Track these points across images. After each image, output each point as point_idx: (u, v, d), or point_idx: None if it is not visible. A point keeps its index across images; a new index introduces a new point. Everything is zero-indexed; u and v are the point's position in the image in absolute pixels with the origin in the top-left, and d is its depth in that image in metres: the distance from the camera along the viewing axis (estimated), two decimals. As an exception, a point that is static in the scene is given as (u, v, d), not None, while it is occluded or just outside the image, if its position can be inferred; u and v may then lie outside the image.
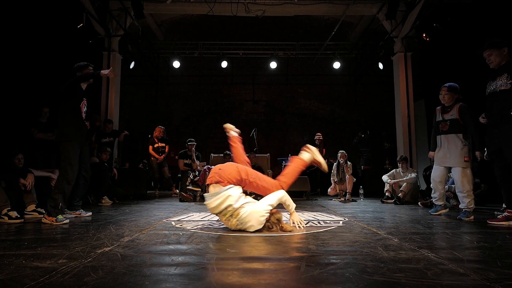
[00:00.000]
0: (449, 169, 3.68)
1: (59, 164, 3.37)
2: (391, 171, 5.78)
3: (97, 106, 7.27)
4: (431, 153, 3.82)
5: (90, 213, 3.53)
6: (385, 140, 8.76)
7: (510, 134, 2.75)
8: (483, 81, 3.08)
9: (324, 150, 7.78)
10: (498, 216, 2.92)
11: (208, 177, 2.60)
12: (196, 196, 5.65)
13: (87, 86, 3.45)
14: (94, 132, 5.76)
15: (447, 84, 3.56)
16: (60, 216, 2.94)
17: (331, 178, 6.24)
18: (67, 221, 2.95)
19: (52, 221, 2.89)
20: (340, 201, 5.70)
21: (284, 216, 2.73)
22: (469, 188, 3.37)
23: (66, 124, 3.17)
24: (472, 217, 3.28)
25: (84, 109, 3.34)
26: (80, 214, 3.42)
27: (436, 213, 3.67)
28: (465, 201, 3.35)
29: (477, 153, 3.34)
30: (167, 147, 6.95)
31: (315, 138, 7.88)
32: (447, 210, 3.76)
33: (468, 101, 3.51)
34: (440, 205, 3.71)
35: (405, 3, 7.00)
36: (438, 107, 3.68)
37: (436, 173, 3.66)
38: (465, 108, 3.40)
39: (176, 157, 6.74)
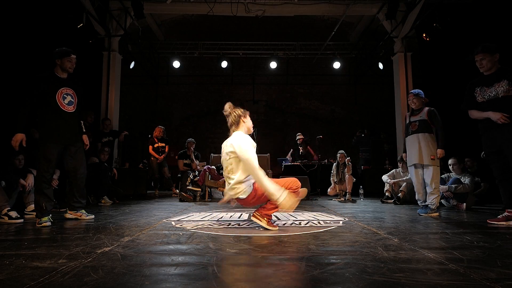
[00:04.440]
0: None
1: (58, 164, 3.32)
2: (391, 171, 5.78)
3: (97, 106, 7.27)
4: (403, 154, 4.03)
5: (92, 216, 3.26)
6: (385, 141, 8.76)
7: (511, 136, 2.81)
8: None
9: (309, 147, 7.78)
10: (498, 216, 2.93)
11: None
12: (196, 196, 5.65)
13: (70, 74, 3.15)
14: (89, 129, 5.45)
15: (412, 91, 3.91)
16: (44, 218, 2.82)
17: (331, 178, 6.24)
18: (49, 223, 2.80)
19: (37, 222, 2.81)
20: (340, 201, 5.70)
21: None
22: (436, 186, 3.64)
23: (41, 124, 2.99)
24: (435, 214, 3.54)
25: (66, 100, 3.02)
26: (80, 216, 3.20)
27: (425, 214, 3.56)
28: (431, 197, 3.62)
29: (440, 151, 3.58)
30: (167, 147, 6.96)
31: (297, 139, 7.87)
32: (437, 214, 3.63)
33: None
34: (427, 205, 3.71)
35: (405, 3, 7.00)
36: (408, 113, 4.03)
37: (412, 174, 3.86)
38: (434, 111, 3.73)
39: (176, 157, 6.75)
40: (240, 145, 2.52)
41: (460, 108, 3.20)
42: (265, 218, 2.55)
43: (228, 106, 2.77)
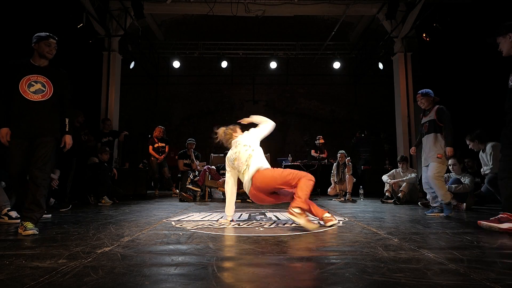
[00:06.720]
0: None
1: (58, 163, 3.28)
2: (391, 171, 5.78)
3: (97, 106, 7.27)
4: (412, 148, 4.04)
5: (49, 215, 3.20)
6: (385, 141, 8.76)
7: None
8: (482, 80, 2.99)
9: (325, 151, 7.77)
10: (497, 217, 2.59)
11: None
12: (196, 196, 5.65)
13: (51, 63, 2.76)
14: (79, 129, 5.20)
15: (420, 91, 3.76)
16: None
17: (331, 178, 6.24)
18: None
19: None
20: (340, 201, 5.70)
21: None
22: (438, 179, 3.52)
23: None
24: (451, 214, 3.50)
25: (33, 88, 2.55)
26: (24, 231, 2.32)
27: (432, 214, 3.59)
28: (441, 194, 3.51)
29: (448, 149, 3.47)
30: (167, 147, 6.96)
31: (317, 142, 7.74)
32: (442, 214, 3.63)
33: (467, 100, 3.53)
34: (436, 206, 3.69)
35: (405, 3, 7.00)
36: (421, 114, 3.90)
37: (424, 175, 3.79)
38: (442, 109, 3.59)
39: (176, 157, 6.75)
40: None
41: (504, 110, 2.63)
42: (304, 215, 2.54)
43: (221, 132, 3.35)
